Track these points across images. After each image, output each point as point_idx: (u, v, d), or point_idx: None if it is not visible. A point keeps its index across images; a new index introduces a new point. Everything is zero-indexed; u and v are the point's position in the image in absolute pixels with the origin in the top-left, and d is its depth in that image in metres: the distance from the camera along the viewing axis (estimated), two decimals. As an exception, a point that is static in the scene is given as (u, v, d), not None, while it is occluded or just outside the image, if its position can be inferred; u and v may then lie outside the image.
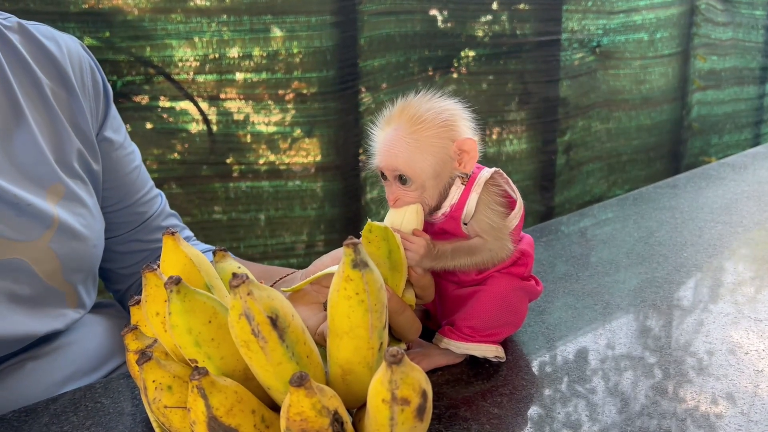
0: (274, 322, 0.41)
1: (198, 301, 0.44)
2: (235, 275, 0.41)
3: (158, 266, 0.49)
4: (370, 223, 0.54)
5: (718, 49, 2.72)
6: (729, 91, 2.84)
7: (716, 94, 2.79)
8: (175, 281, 0.43)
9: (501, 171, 0.61)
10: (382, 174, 0.59)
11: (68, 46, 0.75)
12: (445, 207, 0.59)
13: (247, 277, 0.41)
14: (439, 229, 0.60)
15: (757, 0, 2.81)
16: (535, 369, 0.62)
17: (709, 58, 2.68)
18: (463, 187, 0.59)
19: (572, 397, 0.58)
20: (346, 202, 1.82)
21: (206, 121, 1.62)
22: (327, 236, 1.80)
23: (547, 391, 0.59)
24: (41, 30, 0.74)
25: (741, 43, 2.81)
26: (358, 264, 0.43)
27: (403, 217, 0.57)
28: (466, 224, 0.59)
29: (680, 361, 0.62)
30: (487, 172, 0.60)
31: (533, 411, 0.56)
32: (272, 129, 1.69)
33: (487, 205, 0.59)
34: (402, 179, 0.58)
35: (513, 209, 0.61)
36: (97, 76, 0.78)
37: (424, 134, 0.57)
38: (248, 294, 0.41)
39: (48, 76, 0.72)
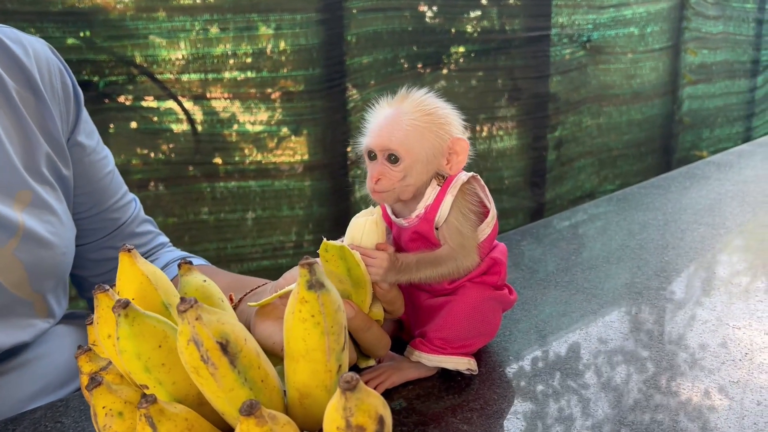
0: (224, 347, 0.40)
1: (147, 325, 0.42)
2: (183, 300, 0.40)
3: (113, 285, 0.48)
4: (325, 243, 0.53)
5: (709, 43, 2.70)
6: (720, 85, 2.83)
7: (707, 87, 2.78)
8: (123, 304, 0.41)
9: (478, 176, 0.60)
10: (370, 154, 0.58)
11: (35, 49, 0.73)
12: (420, 208, 0.58)
13: (196, 301, 0.40)
14: (412, 233, 0.59)
15: (747, -7, 2.79)
16: (508, 381, 0.61)
17: (699, 51, 2.67)
18: (439, 188, 0.58)
19: (544, 411, 0.57)
20: (335, 201, 1.80)
21: (191, 120, 1.60)
22: (316, 236, 1.79)
23: (517, 407, 0.57)
24: (6, 33, 0.72)
25: (732, 37, 2.80)
26: (314, 285, 0.42)
27: (363, 231, 0.56)
28: (437, 229, 0.58)
29: (671, 356, 0.62)
30: (464, 175, 0.59)
31: (504, 428, 0.55)
32: (259, 128, 1.68)
33: (459, 209, 0.58)
34: (391, 158, 0.56)
35: (486, 218, 0.60)
36: (66, 79, 0.75)
37: (423, 117, 0.57)
38: (196, 319, 0.39)
39: (14, 80, 0.70)
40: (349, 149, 1.78)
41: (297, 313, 0.42)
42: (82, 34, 1.43)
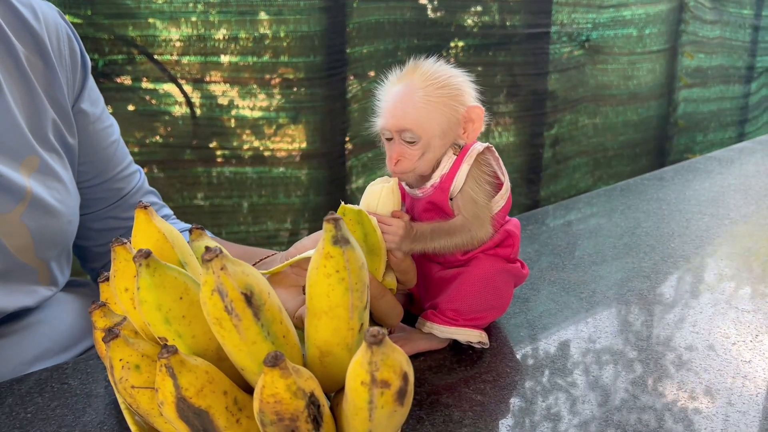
0: (248, 299, 0.39)
1: (169, 276, 0.41)
2: (208, 249, 0.39)
3: (129, 240, 0.47)
4: (344, 206, 0.52)
5: (706, 47, 2.72)
6: (715, 89, 2.85)
7: (702, 91, 2.79)
8: (145, 254, 0.41)
9: (492, 148, 0.60)
10: (386, 135, 0.57)
11: (45, 14, 0.72)
12: (435, 178, 0.58)
13: (221, 251, 0.39)
14: (427, 202, 0.59)
15: (745, -1, 2.82)
16: (519, 357, 0.61)
17: (696, 55, 2.68)
18: (455, 157, 0.57)
19: (554, 388, 0.56)
20: (332, 190, 1.79)
21: (190, 104, 1.58)
22: (311, 224, 1.78)
23: (530, 381, 0.57)
24: None
25: (728, 42, 2.82)
26: (339, 240, 0.41)
27: (378, 199, 0.56)
28: (452, 199, 0.58)
29: (663, 354, 0.61)
30: (480, 145, 0.59)
31: (516, 399, 0.55)
32: (257, 114, 1.66)
33: (475, 179, 0.57)
34: (408, 138, 0.56)
35: (500, 191, 0.60)
36: (74, 46, 0.74)
37: (436, 91, 0.56)
38: (222, 269, 0.39)
39: (24, 45, 0.69)
40: (347, 138, 1.77)
41: (321, 269, 0.41)
42: (82, 12, 1.41)
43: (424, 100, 0.56)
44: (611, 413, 0.52)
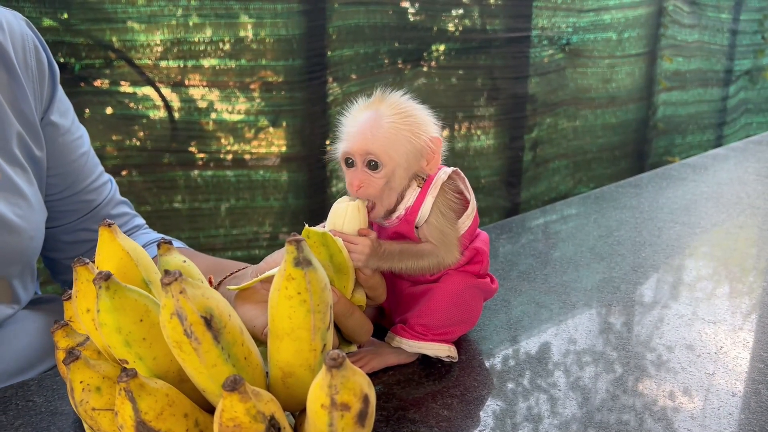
0: (208, 322, 0.39)
1: (129, 299, 0.41)
2: (167, 272, 0.39)
3: (92, 260, 0.47)
4: (307, 229, 0.52)
5: (684, 51, 2.75)
6: (693, 93, 2.88)
7: (681, 95, 2.82)
8: (105, 277, 0.40)
9: (459, 170, 0.60)
10: (347, 160, 0.56)
11: (10, 24, 0.70)
12: (400, 210, 0.58)
13: (180, 274, 0.39)
14: (392, 232, 0.59)
15: (722, 3, 2.85)
16: (487, 371, 0.61)
17: (675, 59, 2.71)
18: (419, 189, 0.58)
19: (524, 399, 0.57)
20: (311, 194, 1.79)
21: (168, 107, 1.57)
22: (291, 228, 1.78)
23: (497, 395, 0.58)
24: None
25: (706, 46, 2.85)
26: (301, 262, 0.41)
27: (344, 217, 0.55)
28: (417, 228, 0.58)
29: (639, 357, 0.62)
30: (444, 173, 0.59)
31: (484, 414, 0.55)
32: (236, 117, 1.66)
33: (440, 209, 0.57)
34: (371, 164, 0.55)
35: (466, 210, 0.60)
36: (42, 56, 0.73)
37: (405, 120, 0.56)
38: (181, 292, 0.38)
39: None
40: (327, 142, 1.77)
41: (283, 290, 0.41)
42: (59, 16, 1.39)
43: (392, 127, 0.55)
44: (588, 419, 0.53)
